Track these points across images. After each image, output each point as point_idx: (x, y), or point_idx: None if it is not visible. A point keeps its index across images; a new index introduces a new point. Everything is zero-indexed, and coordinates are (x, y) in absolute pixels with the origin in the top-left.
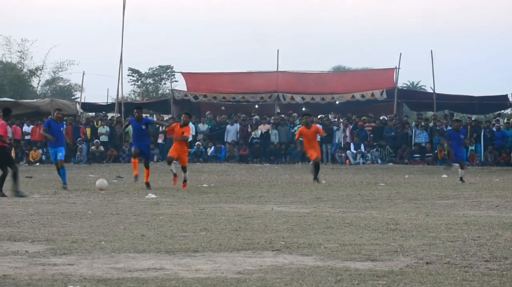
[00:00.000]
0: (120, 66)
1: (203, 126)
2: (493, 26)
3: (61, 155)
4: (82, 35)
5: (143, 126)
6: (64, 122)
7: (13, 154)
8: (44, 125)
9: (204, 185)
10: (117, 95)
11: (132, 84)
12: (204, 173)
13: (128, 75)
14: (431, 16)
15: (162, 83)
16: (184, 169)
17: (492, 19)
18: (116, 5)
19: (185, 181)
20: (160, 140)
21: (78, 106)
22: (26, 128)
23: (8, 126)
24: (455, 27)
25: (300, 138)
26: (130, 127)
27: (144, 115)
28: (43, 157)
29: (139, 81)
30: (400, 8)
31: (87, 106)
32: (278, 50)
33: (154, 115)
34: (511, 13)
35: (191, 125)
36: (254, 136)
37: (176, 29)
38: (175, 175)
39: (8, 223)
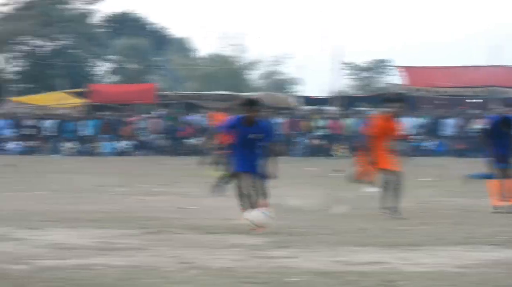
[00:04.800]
0: (335, 60)
1: (419, 121)
2: None
3: None
4: (298, 28)
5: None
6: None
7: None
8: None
9: (423, 179)
10: (334, 88)
11: (348, 78)
12: (421, 167)
13: (344, 68)
14: None
15: (379, 77)
16: None
17: None
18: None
19: None
20: None
21: (294, 100)
22: None
23: None
24: None
25: None
26: None
27: (360, 109)
28: None
29: (356, 75)
30: None
31: (303, 100)
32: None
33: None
34: None
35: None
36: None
37: (392, 22)
38: None
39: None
